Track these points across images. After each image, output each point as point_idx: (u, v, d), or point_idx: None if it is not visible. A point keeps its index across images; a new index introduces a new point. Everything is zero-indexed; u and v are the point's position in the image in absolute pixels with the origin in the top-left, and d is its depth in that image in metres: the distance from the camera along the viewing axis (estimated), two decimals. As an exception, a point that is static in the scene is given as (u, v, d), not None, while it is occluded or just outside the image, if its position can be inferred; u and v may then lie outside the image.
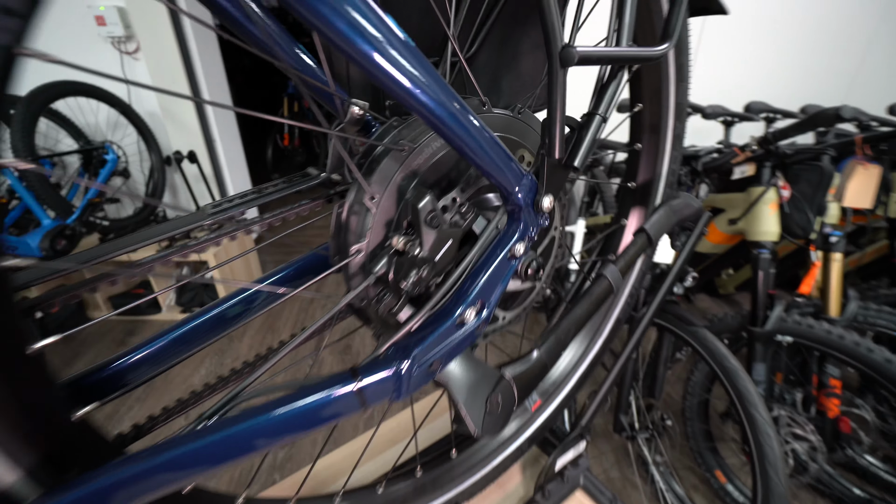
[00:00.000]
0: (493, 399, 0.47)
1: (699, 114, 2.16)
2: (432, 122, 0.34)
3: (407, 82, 0.31)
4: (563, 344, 0.57)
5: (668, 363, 1.75)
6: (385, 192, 0.42)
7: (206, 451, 0.36)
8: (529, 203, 0.43)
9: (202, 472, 0.36)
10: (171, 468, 0.36)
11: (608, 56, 0.38)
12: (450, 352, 0.42)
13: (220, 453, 0.36)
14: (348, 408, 0.39)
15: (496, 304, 0.45)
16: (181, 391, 2.12)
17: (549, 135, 0.39)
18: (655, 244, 0.68)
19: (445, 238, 0.41)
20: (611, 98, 0.43)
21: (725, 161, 1.63)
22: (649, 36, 0.65)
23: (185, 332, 0.48)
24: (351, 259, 0.44)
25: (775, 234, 1.50)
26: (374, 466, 0.95)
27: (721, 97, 2.54)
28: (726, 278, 2.56)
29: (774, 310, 1.47)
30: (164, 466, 0.36)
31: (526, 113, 0.52)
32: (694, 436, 1.76)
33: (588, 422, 0.92)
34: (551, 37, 0.34)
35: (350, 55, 0.29)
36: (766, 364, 1.49)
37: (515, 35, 0.66)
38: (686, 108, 0.75)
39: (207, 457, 0.36)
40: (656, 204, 0.81)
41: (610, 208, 2.49)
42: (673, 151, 0.77)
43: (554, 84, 0.37)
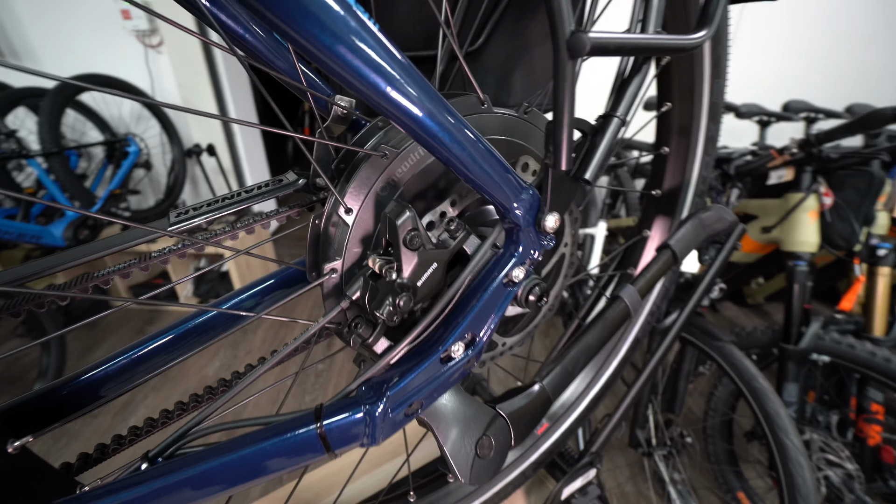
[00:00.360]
0: (484, 441, 0.41)
1: (732, 112, 2.02)
2: (408, 127, 0.28)
3: (371, 77, 0.25)
4: (571, 375, 0.50)
5: (689, 377, 1.65)
6: (362, 204, 0.37)
7: (145, 499, 0.31)
8: (530, 222, 0.37)
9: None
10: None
11: (629, 45, 0.31)
12: (433, 391, 0.37)
13: (165, 501, 0.32)
14: (311, 453, 0.34)
15: (490, 336, 0.39)
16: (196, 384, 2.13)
17: (555, 141, 0.32)
18: (681, 262, 0.61)
19: (429, 261, 0.35)
20: (633, 97, 0.36)
21: (761, 164, 1.51)
22: (681, 24, 0.56)
23: (153, 348, 0.44)
24: (325, 279, 0.38)
25: (814, 244, 1.38)
26: (367, 483, 0.90)
27: (756, 95, 2.38)
28: (756, 288, 2.41)
29: (810, 326, 1.36)
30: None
31: (534, 113, 0.45)
32: (716, 455, 1.66)
33: (600, 448, 0.85)
34: (558, 21, 0.28)
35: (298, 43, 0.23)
36: (798, 384, 1.38)
37: (528, 22, 0.59)
38: (722, 108, 0.66)
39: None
40: (683, 215, 0.73)
41: (633, 210, 2.38)
42: (705, 156, 0.69)
43: (561, 79, 0.30)
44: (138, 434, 0.44)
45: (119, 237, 0.39)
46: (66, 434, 1.78)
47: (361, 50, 0.25)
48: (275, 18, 0.23)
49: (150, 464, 0.33)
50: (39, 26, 2.79)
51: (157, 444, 0.35)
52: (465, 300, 0.37)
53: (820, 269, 2.02)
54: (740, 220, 1.85)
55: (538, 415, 0.47)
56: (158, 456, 0.33)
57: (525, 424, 0.45)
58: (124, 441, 0.43)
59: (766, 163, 1.50)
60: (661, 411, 1.71)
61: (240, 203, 0.43)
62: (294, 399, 2.03)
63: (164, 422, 0.45)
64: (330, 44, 0.24)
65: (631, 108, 0.36)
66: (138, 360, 0.42)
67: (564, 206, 0.37)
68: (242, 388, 0.38)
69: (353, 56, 0.25)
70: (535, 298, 0.41)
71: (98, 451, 0.41)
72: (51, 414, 0.38)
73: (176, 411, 0.44)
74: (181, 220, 0.41)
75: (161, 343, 0.43)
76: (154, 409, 1.98)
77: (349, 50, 0.25)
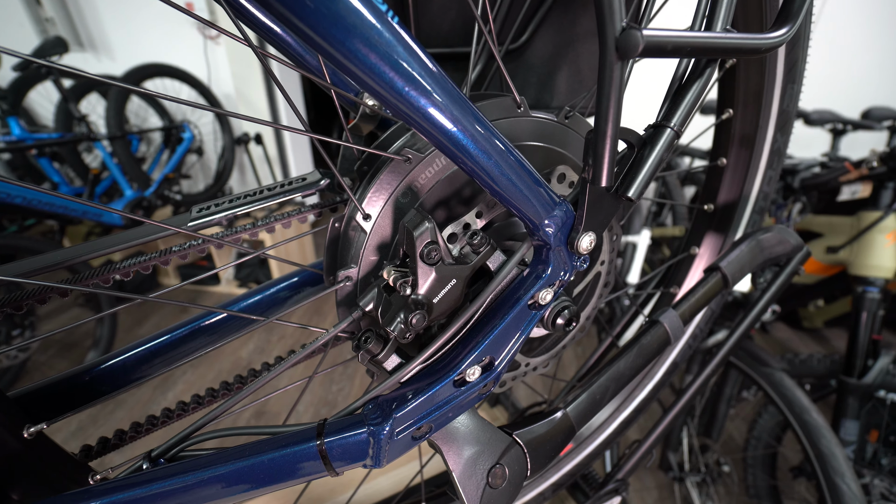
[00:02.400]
0: (497, 470, 0.38)
1: (801, 119, 1.85)
2: (426, 132, 0.25)
3: (385, 78, 0.22)
4: (599, 404, 0.46)
5: (731, 402, 1.54)
6: (381, 210, 0.35)
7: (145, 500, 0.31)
8: (562, 241, 0.33)
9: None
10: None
11: (691, 44, 0.26)
12: (444, 415, 0.34)
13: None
14: (310, 470, 0.32)
15: (510, 362, 0.36)
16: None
17: (595, 153, 0.28)
18: (732, 286, 0.55)
19: (447, 277, 0.32)
20: (691, 105, 0.31)
21: (832, 178, 1.37)
22: (753, 20, 0.50)
23: (166, 344, 0.44)
24: (339, 286, 0.36)
25: (890, 269, 1.24)
26: (384, 483, 0.89)
27: (830, 99, 2.17)
28: (814, 310, 2.21)
29: (879, 360, 1.23)
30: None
31: (575, 118, 0.41)
32: (756, 488, 1.54)
33: (626, 475, 0.79)
34: (607, 15, 0.24)
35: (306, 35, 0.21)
36: (859, 422, 1.25)
37: (577, 20, 0.55)
38: (793, 118, 0.59)
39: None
40: (738, 233, 0.66)
41: (681, 220, 2.24)
42: (768, 170, 0.62)
43: (607, 82, 0.26)
44: (154, 424, 0.44)
45: (140, 231, 0.39)
46: (90, 419, 1.88)
47: (377, 48, 0.22)
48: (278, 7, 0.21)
49: (152, 463, 0.33)
50: (114, 18, 2.99)
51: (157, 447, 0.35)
52: (486, 321, 0.34)
53: (894, 296, 1.82)
54: (803, 238, 1.71)
55: (559, 444, 0.43)
56: (161, 456, 0.33)
57: (544, 454, 0.42)
58: (141, 430, 0.44)
59: (837, 176, 1.35)
60: (697, 435, 1.60)
61: (261, 201, 0.42)
62: (322, 388, 2.07)
63: (179, 414, 0.45)
64: (341, 40, 0.21)
65: (688, 118, 0.31)
66: (154, 353, 0.43)
67: (602, 225, 0.33)
68: (250, 392, 0.37)
69: (365, 55, 0.22)
70: (563, 322, 0.37)
71: (115, 439, 0.42)
72: (67, 401, 0.39)
73: (192, 404, 0.44)
74: (202, 216, 0.40)
75: (177, 338, 0.43)
76: (188, 387, 2.08)
77: (361, 47, 0.22)
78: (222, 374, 2.16)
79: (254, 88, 3.06)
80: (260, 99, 3.07)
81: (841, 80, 2.55)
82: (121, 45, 3.07)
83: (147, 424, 0.42)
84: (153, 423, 0.42)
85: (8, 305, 0.35)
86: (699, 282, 0.54)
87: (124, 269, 0.39)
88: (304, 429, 0.32)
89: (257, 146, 3.04)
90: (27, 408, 0.36)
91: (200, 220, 0.39)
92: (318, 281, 0.52)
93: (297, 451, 0.31)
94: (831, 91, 2.49)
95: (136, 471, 0.32)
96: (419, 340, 0.38)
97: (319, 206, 0.44)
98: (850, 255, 1.31)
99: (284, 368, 0.36)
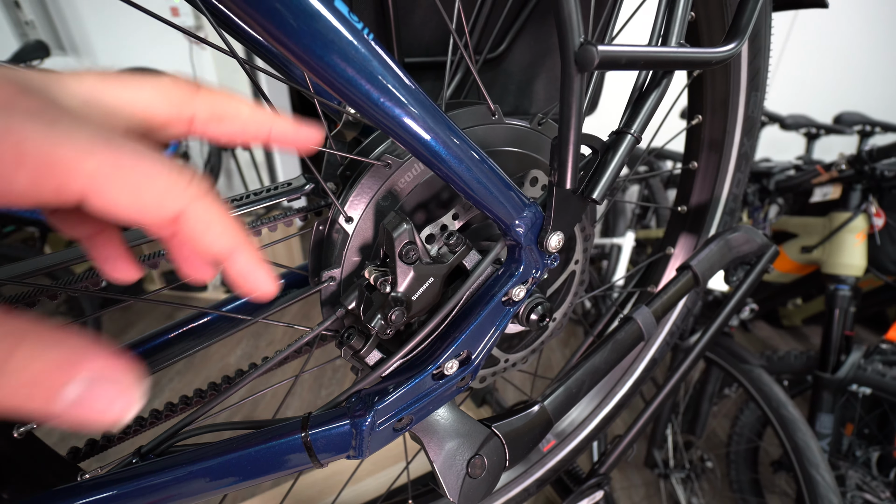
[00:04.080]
0: (476, 461, 0.40)
1: (777, 124, 1.91)
2: (402, 140, 0.27)
3: (360, 88, 0.24)
4: (575, 397, 0.48)
5: (713, 399, 1.58)
6: (363, 213, 0.36)
7: (132, 495, 0.32)
8: (533, 240, 0.35)
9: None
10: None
11: (644, 58, 0.29)
12: (423, 408, 0.36)
13: (149, 497, 0.32)
14: (296, 461, 0.34)
15: (487, 355, 0.37)
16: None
17: (560, 158, 0.31)
18: (704, 284, 0.57)
19: (425, 275, 0.34)
20: (649, 113, 0.33)
21: (805, 180, 1.42)
22: (717, 32, 0.53)
23: (155, 345, 0.45)
24: (323, 286, 0.38)
25: (860, 267, 1.29)
26: (371, 484, 0.90)
27: (805, 105, 2.24)
28: (793, 309, 2.27)
29: (851, 355, 1.28)
30: None
31: (549, 124, 0.44)
32: (738, 483, 1.58)
33: (608, 469, 0.82)
34: (567, 30, 0.26)
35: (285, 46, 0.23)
36: (833, 416, 1.30)
37: (553, 30, 0.57)
38: (758, 123, 0.62)
39: (134, 499, 0.32)
40: (710, 234, 0.69)
41: (664, 222, 2.29)
42: (737, 173, 0.65)
43: (568, 92, 0.28)
44: (143, 425, 0.45)
45: (128, 235, 0.40)
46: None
47: (353, 60, 0.24)
48: (256, 24, 0.22)
49: (141, 459, 0.34)
50: (96, 22, 2.95)
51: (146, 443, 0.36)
52: (462, 317, 0.36)
53: (866, 293, 1.89)
54: (779, 239, 1.76)
55: (537, 436, 0.45)
56: (150, 452, 0.34)
57: (522, 445, 0.44)
58: (129, 431, 0.44)
59: (810, 178, 1.41)
60: (682, 432, 1.64)
61: (248, 205, 0.44)
62: (311, 392, 2.07)
63: (167, 415, 0.46)
64: (319, 54, 0.23)
65: (647, 124, 0.34)
66: (144, 354, 0.44)
67: (570, 225, 0.35)
68: (235, 390, 0.38)
69: (341, 67, 0.23)
70: (537, 318, 0.39)
71: (104, 440, 0.43)
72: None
73: (179, 405, 0.45)
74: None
75: (165, 340, 0.44)
76: (174, 395, 2.06)
77: (338, 60, 0.23)
78: (210, 380, 2.14)
79: (241, 91, 3.06)
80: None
81: (816, 87, 2.64)
82: (104, 49, 3.04)
83: (135, 426, 0.42)
84: (141, 424, 0.43)
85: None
86: (671, 280, 0.57)
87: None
88: (289, 422, 0.34)
89: (244, 151, 3.03)
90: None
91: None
92: (304, 283, 0.54)
93: (282, 444, 0.32)
94: (807, 97, 2.58)
95: (126, 466, 0.33)
96: (400, 337, 0.40)
97: (305, 209, 0.45)
98: (823, 255, 1.36)
99: (270, 365, 0.38)
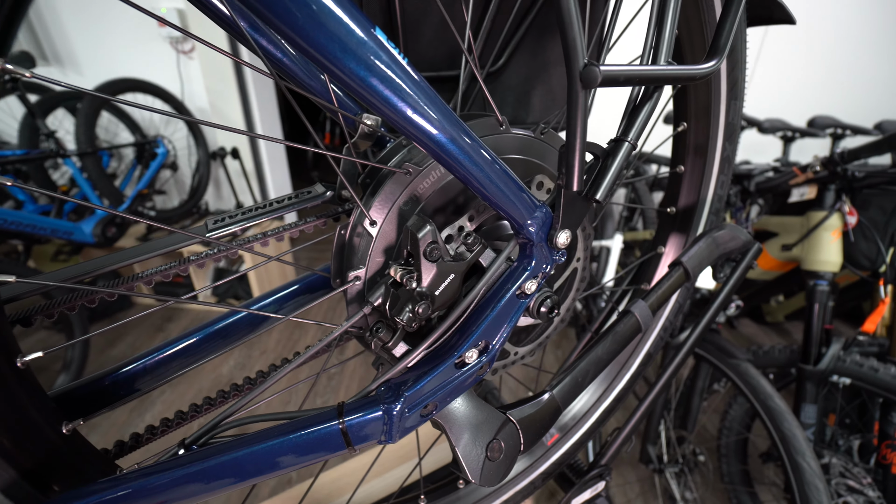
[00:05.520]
0: (494, 445, 0.43)
1: (755, 128, 2.00)
2: (429, 148, 0.31)
3: (396, 103, 0.28)
4: (581, 386, 0.52)
5: (704, 394, 1.63)
6: (386, 217, 0.39)
7: (180, 482, 0.34)
8: (543, 238, 0.39)
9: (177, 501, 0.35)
10: (149, 496, 0.34)
11: (639, 76, 0.33)
12: (447, 394, 0.39)
13: (197, 485, 0.34)
14: (333, 447, 0.36)
15: (502, 345, 0.41)
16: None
17: (567, 164, 0.35)
18: (694, 279, 0.62)
19: (447, 272, 0.37)
20: (643, 122, 0.38)
21: (783, 181, 1.50)
22: (698, 47, 0.58)
23: (182, 347, 0.47)
24: (349, 286, 0.41)
25: (836, 263, 1.36)
26: (378, 485, 0.92)
27: (781, 109, 2.35)
28: (775, 306, 2.36)
29: (831, 347, 1.34)
30: (142, 493, 0.34)
31: (550, 133, 0.48)
32: (729, 475, 1.63)
33: (609, 460, 0.85)
34: (572, 53, 0.30)
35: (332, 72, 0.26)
36: (817, 406, 1.36)
37: (548, 44, 0.61)
38: (738, 129, 0.67)
39: (182, 488, 0.34)
40: (698, 233, 0.74)
41: (651, 224, 2.36)
42: (720, 175, 0.70)
43: (574, 107, 0.32)
44: (169, 426, 0.47)
45: (163, 241, 0.42)
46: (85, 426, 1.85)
47: (390, 79, 0.27)
48: (311, 50, 0.26)
49: (185, 450, 0.36)
50: (81, 32, 2.93)
51: (191, 433, 0.38)
52: (480, 309, 0.40)
53: (843, 288, 1.97)
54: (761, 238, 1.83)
55: (548, 422, 0.49)
56: (193, 443, 0.36)
57: (534, 431, 0.47)
58: (157, 431, 0.46)
59: (787, 180, 1.48)
60: (674, 428, 1.68)
61: (272, 212, 0.47)
62: (308, 401, 2.07)
63: (192, 415, 0.48)
64: (363, 75, 0.27)
65: (642, 133, 0.38)
66: (172, 356, 0.46)
67: (576, 224, 0.39)
68: (273, 382, 0.40)
69: (382, 85, 0.27)
70: (546, 310, 0.43)
71: (132, 440, 0.45)
72: (93, 401, 0.42)
73: (204, 405, 0.47)
74: (218, 227, 0.44)
75: (193, 341, 0.46)
76: (170, 404, 2.05)
77: (379, 79, 0.27)
78: (203, 391, 2.13)
79: (229, 103, 3.06)
80: (236, 113, 3.07)
81: (791, 92, 2.76)
82: (89, 59, 3.01)
83: (162, 426, 0.44)
84: (167, 425, 0.45)
85: (41, 313, 0.38)
86: (664, 276, 0.61)
87: (147, 277, 0.42)
88: (325, 410, 0.37)
89: (234, 160, 3.03)
90: (63, 406, 0.39)
91: (218, 231, 0.43)
92: (319, 287, 0.56)
93: (321, 430, 0.35)
94: (783, 102, 2.70)
95: (171, 457, 0.35)
96: (421, 331, 0.43)
97: (325, 215, 0.48)
98: (802, 252, 1.43)
99: (303, 360, 0.41)
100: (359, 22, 0.26)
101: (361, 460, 1.00)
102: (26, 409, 0.35)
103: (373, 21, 0.27)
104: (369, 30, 0.27)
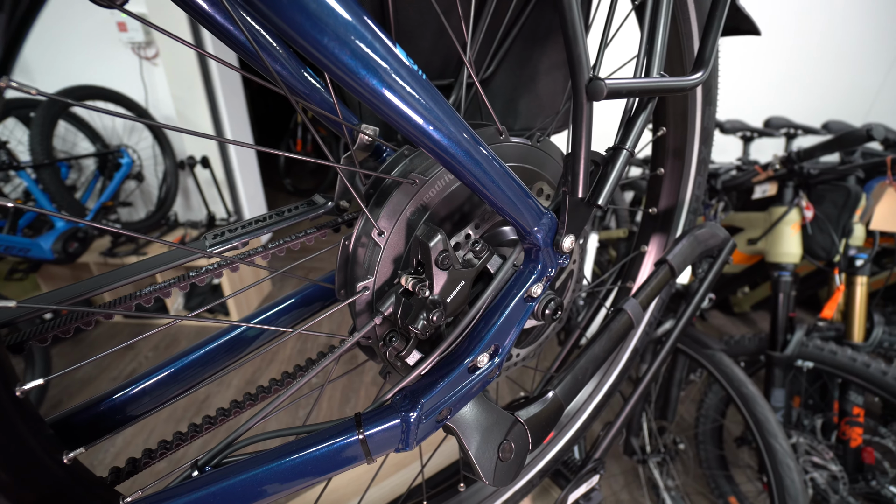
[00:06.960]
0: (505, 446, 0.44)
1: (717, 129, 2.11)
2: (441, 157, 0.31)
3: (410, 113, 0.28)
4: (581, 383, 0.54)
5: (681, 385, 1.70)
6: (394, 226, 0.40)
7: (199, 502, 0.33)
8: (549, 243, 0.40)
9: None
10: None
11: (639, 88, 0.35)
12: (461, 399, 0.40)
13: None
14: (352, 458, 0.36)
15: (511, 347, 0.42)
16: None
17: (573, 172, 0.36)
18: (678, 275, 0.65)
19: (457, 279, 0.38)
20: (639, 131, 0.40)
21: (746, 179, 1.59)
22: (675, 60, 0.61)
23: (179, 368, 0.46)
24: (357, 296, 0.41)
25: (797, 255, 1.45)
26: (375, 494, 0.92)
27: (740, 111, 2.49)
28: (742, 297, 2.48)
29: (795, 334, 1.42)
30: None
31: (545, 142, 0.49)
32: (707, 461, 1.70)
33: (602, 454, 0.88)
34: (578, 67, 0.32)
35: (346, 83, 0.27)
36: (785, 390, 1.44)
37: (534, 54, 0.63)
38: (713, 133, 0.71)
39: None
40: (678, 231, 0.77)
41: (623, 222, 2.44)
42: (697, 177, 0.74)
43: (579, 118, 0.34)
44: (168, 448, 0.45)
45: (163, 257, 0.41)
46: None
47: (403, 88, 0.28)
48: (321, 57, 0.26)
49: (199, 472, 0.35)
50: (32, 36, 2.76)
51: (203, 453, 0.37)
52: (489, 314, 0.41)
53: (802, 278, 2.09)
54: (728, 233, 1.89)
55: (553, 421, 0.50)
56: (207, 464, 0.36)
57: (541, 430, 0.48)
58: (154, 455, 0.45)
59: (750, 178, 1.57)
60: (655, 419, 1.74)
61: (272, 225, 0.46)
62: (288, 415, 2.00)
63: (192, 436, 0.47)
64: (376, 85, 0.27)
65: (638, 140, 0.40)
66: (173, 376, 0.44)
67: (579, 228, 0.41)
68: (286, 395, 0.40)
69: (395, 95, 0.27)
70: (550, 312, 0.44)
71: (129, 465, 0.43)
72: (92, 427, 0.40)
73: (204, 424, 0.46)
74: (219, 242, 0.43)
75: (194, 358, 0.45)
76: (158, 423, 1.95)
77: (391, 91, 0.27)
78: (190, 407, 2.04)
79: (197, 110, 2.96)
80: (205, 120, 2.97)
81: (747, 96, 2.93)
82: (42, 66, 2.84)
83: (160, 449, 0.43)
84: (166, 447, 0.43)
85: (34, 338, 0.36)
86: (651, 273, 0.64)
87: (145, 296, 0.41)
88: (342, 422, 0.37)
89: (204, 169, 2.94)
90: (61, 433, 0.37)
91: (219, 246, 0.42)
92: (317, 299, 0.56)
93: (341, 443, 0.35)
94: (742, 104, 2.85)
95: (185, 479, 0.35)
96: (430, 339, 0.44)
97: (327, 226, 0.48)
98: (766, 245, 1.51)
99: (314, 374, 0.40)
100: (376, 35, 0.26)
101: (359, 469, 0.98)
102: (26, 441, 0.33)
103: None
104: (387, 43, 0.27)
